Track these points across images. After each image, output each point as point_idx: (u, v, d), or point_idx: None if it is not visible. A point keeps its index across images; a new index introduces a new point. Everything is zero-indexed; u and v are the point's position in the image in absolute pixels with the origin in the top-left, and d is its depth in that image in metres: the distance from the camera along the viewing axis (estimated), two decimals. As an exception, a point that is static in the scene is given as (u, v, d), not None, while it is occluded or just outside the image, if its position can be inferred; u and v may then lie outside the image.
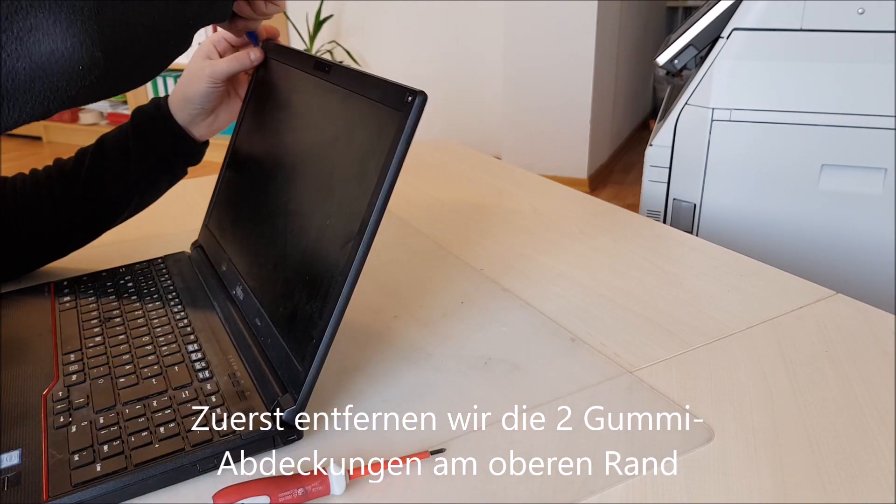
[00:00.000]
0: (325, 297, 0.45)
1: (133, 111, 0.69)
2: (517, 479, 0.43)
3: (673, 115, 1.08)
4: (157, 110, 0.67)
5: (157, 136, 0.67)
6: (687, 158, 1.08)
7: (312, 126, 0.55)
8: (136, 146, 0.67)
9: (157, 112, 0.67)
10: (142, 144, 0.67)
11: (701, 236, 1.10)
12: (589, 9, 2.70)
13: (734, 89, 1.03)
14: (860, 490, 0.42)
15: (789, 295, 0.66)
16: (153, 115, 0.67)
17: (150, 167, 0.68)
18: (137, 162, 0.67)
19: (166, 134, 0.67)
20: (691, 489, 0.42)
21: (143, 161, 0.67)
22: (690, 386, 0.52)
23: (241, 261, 0.60)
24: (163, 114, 0.67)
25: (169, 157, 0.69)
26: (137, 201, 0.70)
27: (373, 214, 0.44)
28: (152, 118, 0.67)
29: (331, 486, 0.41)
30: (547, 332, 0.60)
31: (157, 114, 0.67)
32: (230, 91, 0.69)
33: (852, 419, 0.48)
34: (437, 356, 0.57)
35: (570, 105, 2.86)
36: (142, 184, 0.69)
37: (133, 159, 0.67)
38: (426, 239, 0.80)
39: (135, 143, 0.67)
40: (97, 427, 0.46)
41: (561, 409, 0.50)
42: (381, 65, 3.51)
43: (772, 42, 1.00)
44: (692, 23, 1.09)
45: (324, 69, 0.56)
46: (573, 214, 0.87)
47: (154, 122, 0.67)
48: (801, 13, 0.97)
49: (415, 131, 0.43)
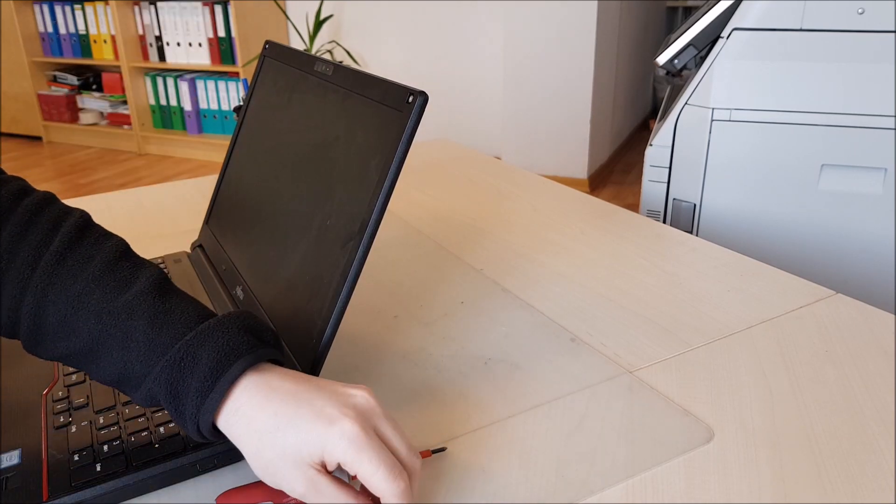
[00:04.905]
0: (325, 297, 0.45)
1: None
2: (517, 479, 0.43)
3: (673, 115, 1.08)
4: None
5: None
6: (687, 158, 1.08)
7: (313, 126, 0.55)
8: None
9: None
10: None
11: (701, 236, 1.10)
12: (589, 9, 2.70)
13: (734, 89, 1.03)
14: (860, 490, 0.42)
15: (789, 295, 0.66)
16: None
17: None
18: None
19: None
20: (691, 489, 0.42)
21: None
22: (690, 386, 0.52)
23: (242, 261, 0.60)
24: None
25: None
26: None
27: (373, 214, 0.44)
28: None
29: (331, 486, 0.41)
30: (547, 332, 0.60)
31: None
32: None
33: (852, 419, 0.48)
34: (437, 356, 0.57)
35: (570, 105, 2.86)
36: None
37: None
38: (426, 239, 0.80)
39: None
40: (97, 427, 0.46)
41: (561, 409, 0.50)
42: (381, 65, 3.50)
43: (772, 42, 1.00)
44: (692, 23, 1.09)
45: (324, 69, 0.56)
46: (573, 214, 0.87)
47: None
48: (801, 13, 0.97)
49: (415, 131, 0.43)
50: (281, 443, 0.39)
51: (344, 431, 0.38)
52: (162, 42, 3.51)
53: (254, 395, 0.40)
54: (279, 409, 0.39)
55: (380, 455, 0.39)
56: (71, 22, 3.64)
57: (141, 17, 3.51)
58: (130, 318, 0.41)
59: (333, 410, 0.39)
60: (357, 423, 0.39)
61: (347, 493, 0.40)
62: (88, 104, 3.79)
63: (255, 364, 0.41)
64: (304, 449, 0.38)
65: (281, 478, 0.39)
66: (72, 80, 3.76)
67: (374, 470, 0.38)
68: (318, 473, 0.39)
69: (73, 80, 3.76)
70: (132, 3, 3.51)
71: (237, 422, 0.40)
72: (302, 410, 0.39)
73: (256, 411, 0.39)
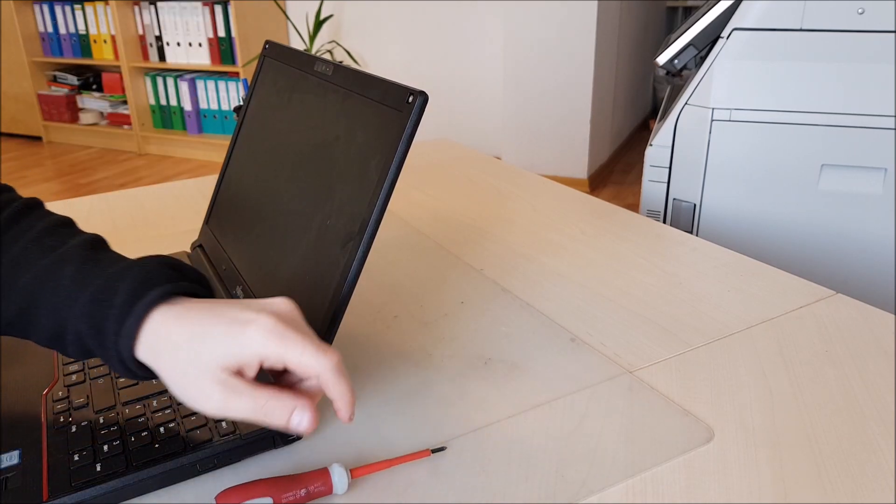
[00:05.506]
0: (325, 297, 0.45)
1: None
2: (517, 479, 0.43)
3: (673, 115, 1.08)
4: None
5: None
6: (687, 158, 1.08)
7: (313, 126, 0.55)
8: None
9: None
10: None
11: (701, 236, 1.10)
12: (589, 9, 2.70)
13: (734, 89, 1.03)
14: (860, 490, 0.42)
15: (789, 295, 0.66)
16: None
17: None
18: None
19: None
20: (691, 489, 0.42)
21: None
22: (690, 386, 0.52)
23: (242, 261, 0.60)
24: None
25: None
26: None
27: (373, 214, 0.44)
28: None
29: (333, 485, 0.41)
30: (547, 332, 0.60)
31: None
32: None
33: (852, 419, 0.48)
34: (437, 356, 0.57)
35: (570, 105, 2.86)
36: None
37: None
38: (426, 239, 0.80)
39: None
40: (97, 427, 0.46)
41: (561, 409, 0.50)
42: (381, 65, 3.50)
43: (772, 42, 1.00)
44: (692, 23, 1.09)
45: (324, 69, 0.56)
46: (573, 214, 0.87)
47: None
48: (801, 13, 0.97)
49: (415, 131, 0.43)
50: (196, 352, 0.37)
51: (261, 325, 0.37)
52: (162, 42, 3.51)
53: (169, 316, 0.39)
54: (195, 320, 0.39)
55: (304, 336, 0.38)
56: (71, 22, 3.64)
57: (141, 17, 3.51)
58: (62, 266, 0.42)
59: (250, 313, 0.38)
60: (273, 317, 0.38)
61: (266, 389, 0.38)
62: (88, 104, 3.79)
63: (175, 293, 0.40)
64: (219, 354, 0.37)
65: (197, 390, 0.37)
66: (72, 80, 3.77)
67: (302, 349, 0.37)
68: (233, 377, 0.37)
69: (73, 80, 3.76)
70: (132, 3, 3.51)
71: (155, 344, 0.39)
72: (217, 319, 0.38)
73: (172, 327, 0.39)
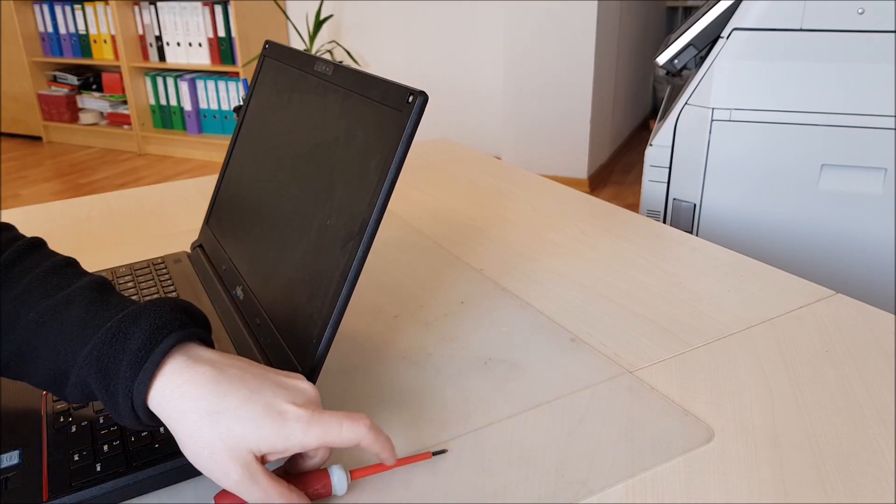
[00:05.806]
0: (325, 297, 0.45)
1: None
2: (517, 479, 0.43)
3: (673, 115, 1.08)
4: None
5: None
6: (687, 158, 1.08)
7: (313, 126, 0.55)
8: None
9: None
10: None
11: (701, 236, 1.10)
12: (589, 9, 2.70)
13: (734, 89, 1.03)
14: (860, 490, 0.42)
15: (789, 295, 0.66)
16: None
17: None
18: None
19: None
20: (691, 489, 0.42)
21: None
22: (690, 386, 0.52)
23: (241, 261, 0.60)
24: None
25: None
26: None
27: (373, 214, 0.44)
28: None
29: (333, 486, 0.41)
30: (547, 332, 0.60)
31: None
32: None
33: (852, 419, 0.48)
34: (437, 356, 0.57)
35: (570, 105, 2.86)
36: None
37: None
38: (426, 239, 0.80)
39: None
40: (97, 427, 0.46)
41: (561, 409, 0.50)
42: (381, 65, 3.50)
43: (772, 42, 1.00)
44: (692, 23, 1.09)
45: (324, 69, 0.56)
46: (573, 214, 0.87)
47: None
48: (801, 13, 0.97)
49: (415, 131, 0.43)
50: (228, 428, 0.37)
51: (300, 419, 0.38)
52: (162, 42, 3.51)
53: (193, 372, 0.39)
54: (224, 392, 0.38)
55: (333, 415, 0.39)
56: (71, 22, 3.64)
57: (141, 17, 3.51)
58: (67, 307, 0.41)
59: (283, 404, 0.39)
60: (305, 409, 0.39)
61: (279, 487, 0.39)
62: (88, 104, 3.79)
63: (189, 340, 0.40)
64: (254, 439, 0.37)
65: (214, 463, 0.38)
66: (72, 80, 3.76)
67: (339, 428, 0.39)
68: (256, 461, 0.38)
69: (73, 80, 3.76)
70: (132, 3, 3.51)
71: (175, 398, 0.38)
72: (250, 402, 0.38)
73: (199, 389, 0.38)
